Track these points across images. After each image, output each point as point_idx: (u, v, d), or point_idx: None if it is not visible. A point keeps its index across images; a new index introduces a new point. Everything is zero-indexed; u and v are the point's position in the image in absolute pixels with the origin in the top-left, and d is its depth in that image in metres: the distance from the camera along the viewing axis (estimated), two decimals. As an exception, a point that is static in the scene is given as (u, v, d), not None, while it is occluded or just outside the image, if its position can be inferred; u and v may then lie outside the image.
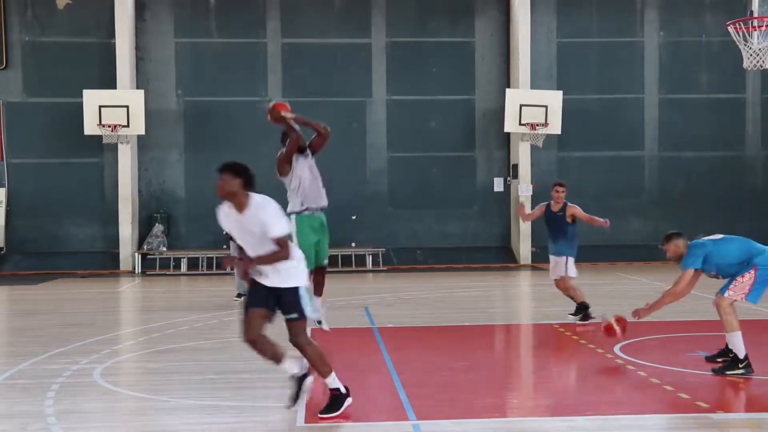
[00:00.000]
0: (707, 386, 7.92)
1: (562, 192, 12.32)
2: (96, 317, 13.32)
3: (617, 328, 9.36)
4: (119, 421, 7.07)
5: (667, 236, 8.89)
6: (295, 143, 9.90)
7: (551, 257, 12.08)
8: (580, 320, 11.78)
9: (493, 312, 14.01)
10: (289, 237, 6.57)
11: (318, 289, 10.11)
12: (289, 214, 9.72)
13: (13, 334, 12.10)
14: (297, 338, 6.75)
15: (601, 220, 12.15)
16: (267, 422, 6.80)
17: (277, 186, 23.46)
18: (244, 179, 6.49)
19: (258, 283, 6.71)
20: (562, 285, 11.97)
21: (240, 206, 6.53)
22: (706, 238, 8.76)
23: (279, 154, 9.97)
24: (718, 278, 8.69)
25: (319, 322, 9.99)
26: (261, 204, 6.50)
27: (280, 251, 6.48)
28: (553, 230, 12.10)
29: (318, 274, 10.10)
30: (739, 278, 8.40)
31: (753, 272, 8.35)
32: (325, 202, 10.05)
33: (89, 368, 8.92)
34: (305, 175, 9.95)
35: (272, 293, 6.67)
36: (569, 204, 12.32)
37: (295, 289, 6.68)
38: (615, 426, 6.56)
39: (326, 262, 10.16)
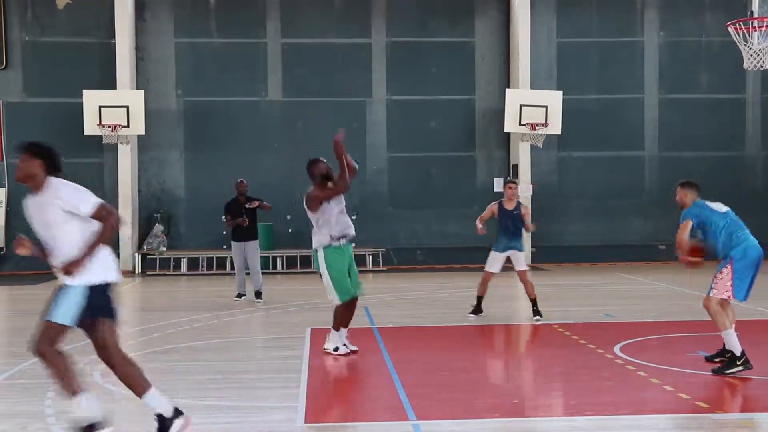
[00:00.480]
0: (707, 386, 7.93)
1: (516, 189, 12.83)
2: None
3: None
4: (119, 421, 7.07)
5: (682, 182, 9.07)
6: (341, 190, 9.53)
7: (505, 253, 12.58)
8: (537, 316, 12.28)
9: (492, 312, 14.01)
10: (103, 204, 5.90)
11: (347, 321, 9.62)
12: (315, 250, 9.62)
13: (13, 334, 12.11)
14: (38, 344, 5.82)
15: (530, 224, 12.75)
16: (267, 422, 6.80)
17: (277, 186, 23.24)
18: (45, 161, 5.96)
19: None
20: (525, 278, 12.48)
21: (37, 189, 5.96)
22: (711, 204, 8.83)
23: (312, 191, 9.59)
24: (702, 243, 8.77)
25: (343, 347, 9.60)
26: (58, 186, 5.92)
27: (106, 222, 5.82)
28: (513, 227, 12.60)
29: (351, 306, 9.60)
30: (718, 275, 8.51)
31: (729, 267, 8.43)
32: (353, 232, 9.64)
33: (89, 368, 8.92)
34: (335, 211, 9.54)
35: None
36: (522, 203, 12.85)
37: (69, 287, 5.84)
38: (615, 426, 6.56)
39: (360, 291, 9.66)
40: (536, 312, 12.28)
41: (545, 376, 8.61)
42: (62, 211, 5.86)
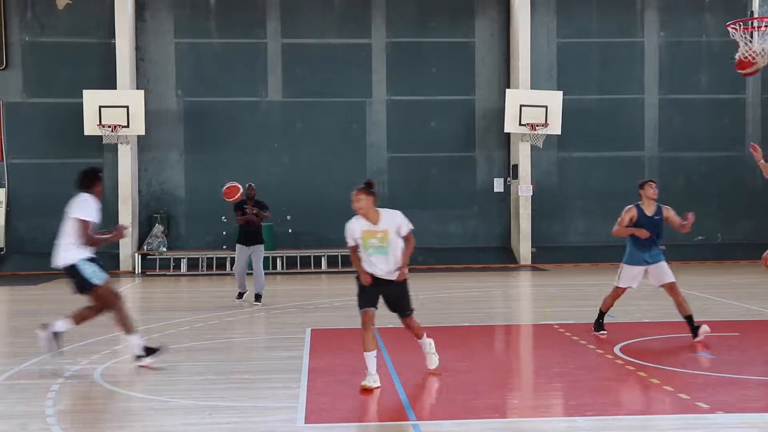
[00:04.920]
0: (707, 386, 7.92)
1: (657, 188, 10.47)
2: (96, 317, 13.29)
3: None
4: (119, 421, 7.07)
5: None
6: None
7: (642, 266, 10.35)
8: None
9: (493, 312, 14.01)
10: None
11: None
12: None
13: (13, 334, 12.10)
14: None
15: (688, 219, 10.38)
16: (267, 422, 6.80)
17: (277, 186, 23.27)
18: None
19: None
20: (675, 291, 10.29)
21: None
22: None
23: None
24: None
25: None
26: None
27: None
28: (654, 235, 10.28)
29: None
30: None
31: None
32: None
33: (89, 368, 8.92)
34: None
35: None
36: (662, 205, 10.53)
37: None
38: (615, 426, 6.55)
39: None
40: (695, 330, 10.08)
41: (545, 376, 8.60)
42: None
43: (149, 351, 8.88)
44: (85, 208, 8.80)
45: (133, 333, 8.85)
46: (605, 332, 10.58)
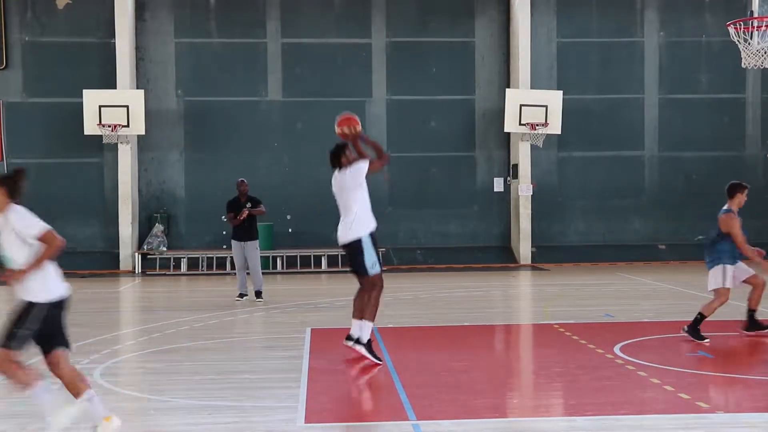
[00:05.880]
0: (707, 386, 7.93)
1: None
2: (96, 317, 13.32)
3: None
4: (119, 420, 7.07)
5: None
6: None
7: (742, 264, 10.91)
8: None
9: (493, 312, 14.01)
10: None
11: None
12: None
13: (13, 334, 12.09)
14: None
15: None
16: (267, 422, 6.80)
17: (277, 186, 23.22)
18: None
19: None
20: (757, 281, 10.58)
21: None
22: None
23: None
24: None
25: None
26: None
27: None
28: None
29: None
30: None
31: None
32: None
33: (89, 368, 8.92)
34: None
35: None
36: None
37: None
38: (615, 426, 6.56)
39: None
40: (754, 324, 10.32)
41: (545, 376, 8.61)
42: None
43: (371, 350, 8.92)
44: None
45: (372, 323, 9.04)
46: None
